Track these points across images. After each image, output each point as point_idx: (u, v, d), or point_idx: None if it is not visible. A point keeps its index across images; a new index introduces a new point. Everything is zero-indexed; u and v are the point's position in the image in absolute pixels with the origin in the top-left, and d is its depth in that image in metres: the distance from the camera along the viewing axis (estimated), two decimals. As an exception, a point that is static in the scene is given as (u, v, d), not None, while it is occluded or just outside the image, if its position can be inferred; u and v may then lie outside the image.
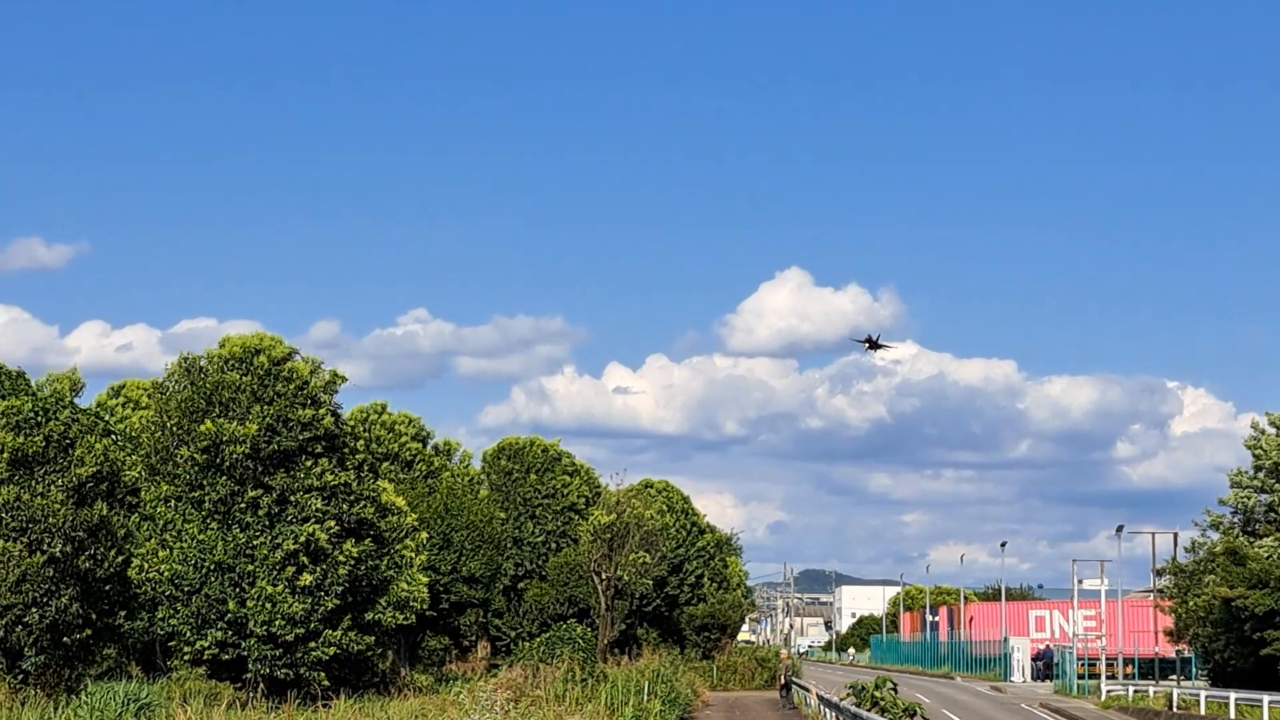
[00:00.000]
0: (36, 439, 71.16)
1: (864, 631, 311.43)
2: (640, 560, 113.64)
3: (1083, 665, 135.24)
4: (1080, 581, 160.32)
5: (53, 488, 70.24)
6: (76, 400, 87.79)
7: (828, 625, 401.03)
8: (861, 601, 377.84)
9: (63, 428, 73.02)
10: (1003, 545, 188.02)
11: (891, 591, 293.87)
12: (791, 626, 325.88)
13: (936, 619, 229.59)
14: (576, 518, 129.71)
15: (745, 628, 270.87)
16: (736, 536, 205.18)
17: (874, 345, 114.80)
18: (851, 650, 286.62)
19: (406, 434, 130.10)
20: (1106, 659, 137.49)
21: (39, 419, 72.20)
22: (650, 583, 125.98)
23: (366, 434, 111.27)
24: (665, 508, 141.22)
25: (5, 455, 70.03)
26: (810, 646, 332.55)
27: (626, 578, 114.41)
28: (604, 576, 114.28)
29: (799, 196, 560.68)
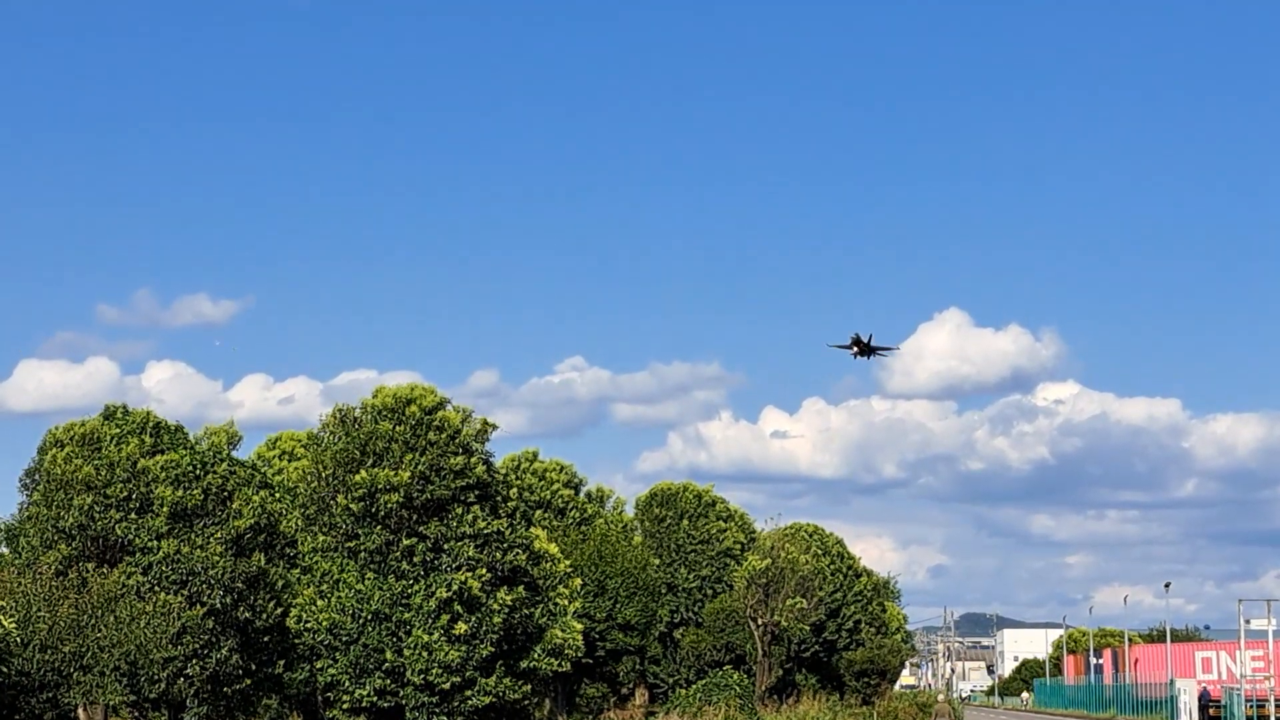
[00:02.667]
0: (195, 492, 72.13)
1: (1027, 675, 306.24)
2: (797, 605, 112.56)
3: (1251, 707, 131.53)
4: (1247, 621, 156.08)
5: (212, 540, 71.09)
6: (234, 453, 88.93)
7: (990, 669, 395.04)
8: (1024, 645, 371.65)
9: (221, 481, 73.96)
10: (1167, 586, 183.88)
11: (1054, 634, 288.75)
12: (953, 671, 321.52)
13: (1100, 662, 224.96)
14: (731, 563, 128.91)
15: (905, 672, 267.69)
16: (895, 580, 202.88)
17: (865, 349, 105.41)
18: (1025, 695, 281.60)
19: (558, 481, 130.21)
20: (1276, 700, 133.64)
21: (198, 473, 73.21)
22: (807, 628, 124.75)
23: (519, 482, 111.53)
24: (820, 552, 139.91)
25: (165, 509, 71.03)
26: (973, 691, 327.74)
27: (783, 623, 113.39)
28: (760, 622, 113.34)
29: (958, 236, 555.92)
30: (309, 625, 73.66)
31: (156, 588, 68.68)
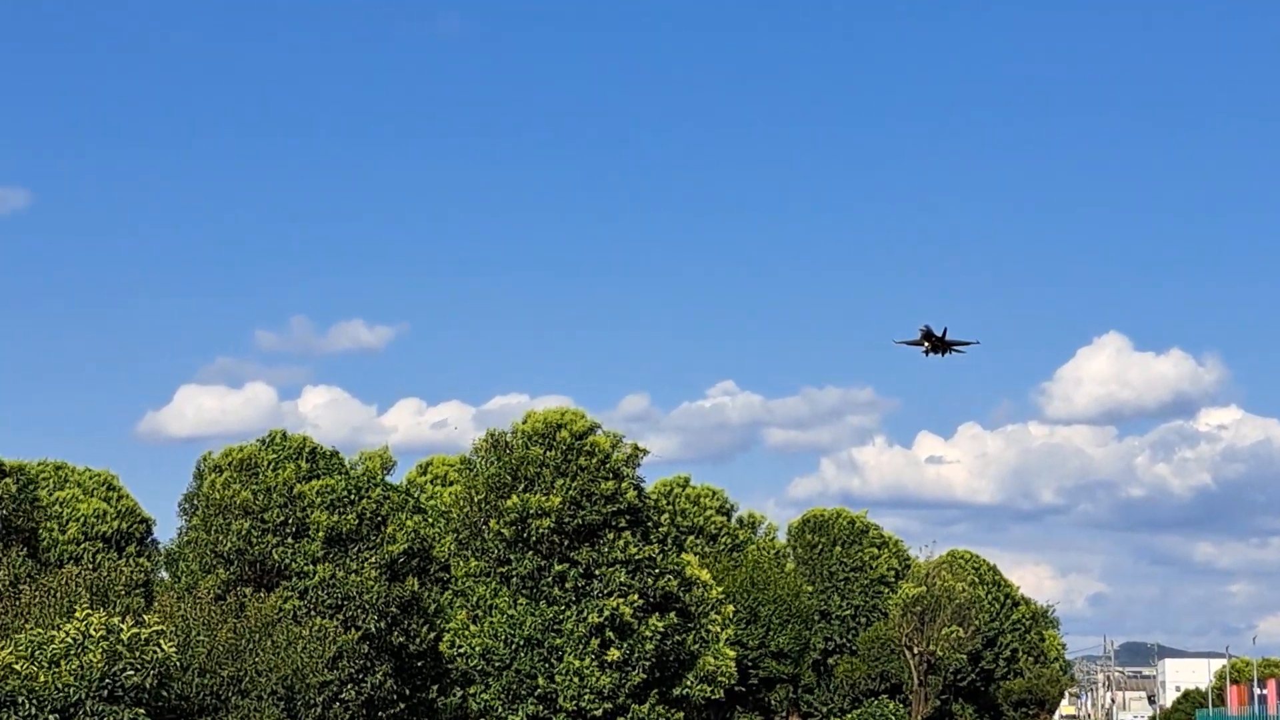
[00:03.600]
0: (350, 517, 72.72)
1: (1189, 706, 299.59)
2: (953, 634, 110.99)
3: None
4: None
5: (366, 565, 71.58)
6: (388, 478, 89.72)
7: (1151, 699, 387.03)
8: (1186, 675, 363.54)
9: (375, 505, 74.52)
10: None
11: (1217, 664, 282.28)
12: (1113, 701, 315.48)
13: (1265, 693, 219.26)
14: (885, 591, 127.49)
15: (1065, 702, 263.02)
16: (1053, 609, 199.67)
17: (938, 344, 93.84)
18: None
19: (711, 507, 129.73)
20: None
21: (353, 498, 73.81)
22: (963, 657, 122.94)
23: (670, 507, 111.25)
24: (975, 579, 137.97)
25: (321, 534, 71.66)
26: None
27: (939, 652, 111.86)
28: (915, 651, 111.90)
29: (1117, 260, 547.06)
30: (462, 650, 73.87)
31: (312, 612, 69.26)
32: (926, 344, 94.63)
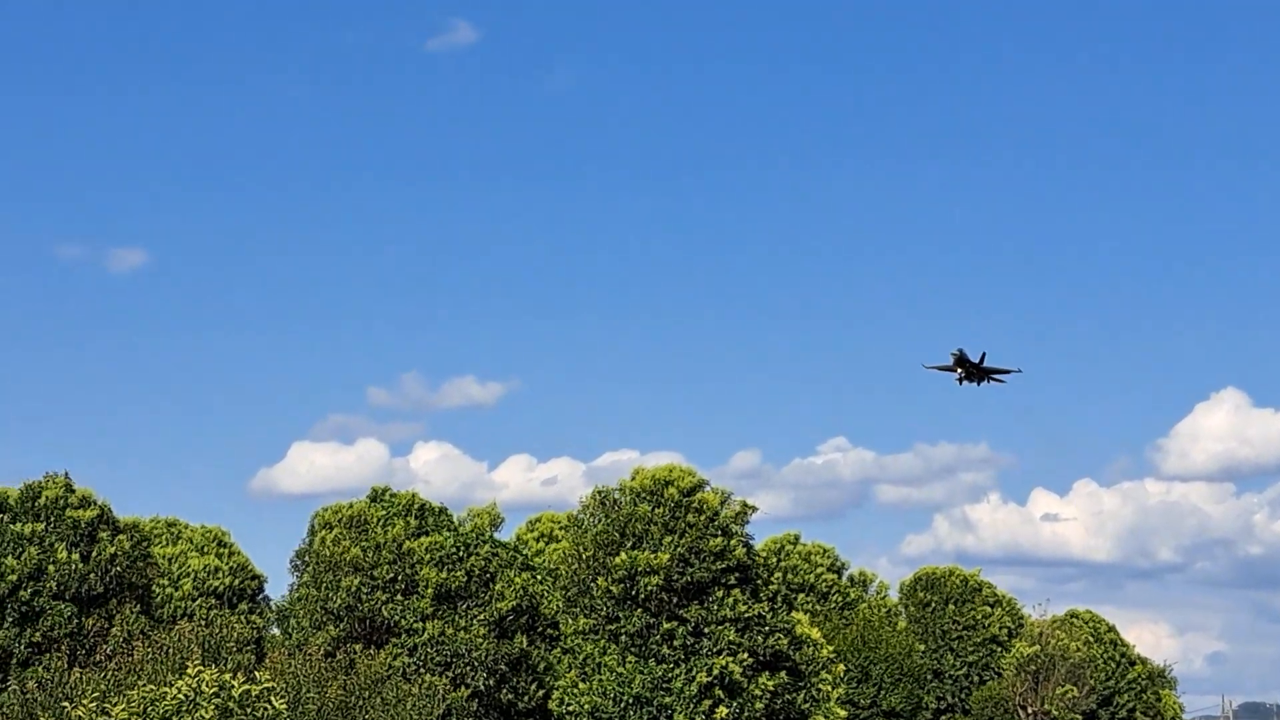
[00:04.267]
0: (459, 574, 72.84)
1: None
2: (1068, 694, 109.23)
3: None
4: None
5: (475, 622, 71.61)
6: (497, 535, 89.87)
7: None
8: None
9: (484, 562, 74.60)
10: None
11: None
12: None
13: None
14: (999, 650, 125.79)
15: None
16: (1170, 668, 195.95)
17: (974, 371, 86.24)
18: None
19: (822, 565, 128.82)
20: None
21: (461, 554, 73.95)
22: (1079, 717, 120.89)
23: (781, 565, 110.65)
24: (1091, 638, 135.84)
25: (430, 590, 71.81)
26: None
27: (1054, 712, 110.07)
28: (1030, 710, 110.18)
29: (1236, 315, 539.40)
30: (571, 709, 73.59)
31: (422, 669, 69.34)
32: (960, 370, 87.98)
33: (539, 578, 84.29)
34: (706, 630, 73.26)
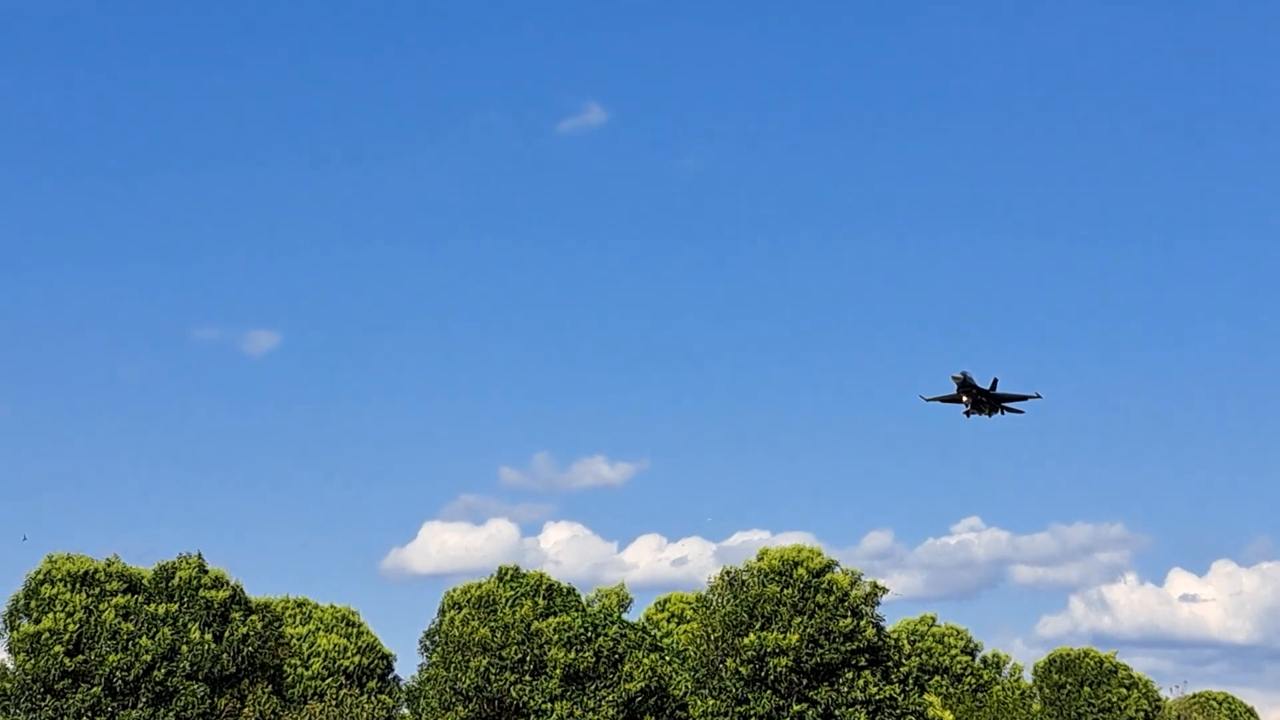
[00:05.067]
0: (588, 655, 72.61)
1: None
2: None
3: None
4: None
5: (604, 703, 71.27)
6: (625, 615, 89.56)
7: None
8: None
9: (612, 643, 74.32)
10: None
11: None
12: None
13: None
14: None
15: None
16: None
17: (984, 400, 69.55)
18: None
19: (956, 646, 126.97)
20: None
21: (589, 635, 73.72)
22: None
23: (914, 646, 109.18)
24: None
25: (558, 671, 71.63)
26: None
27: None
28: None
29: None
30: (699, 791, 72.95)
31: (549, 751, 69.09)
32: (966, 400, 75.23)
33: (668, 659, 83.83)
34: (837, 713, 72.39)
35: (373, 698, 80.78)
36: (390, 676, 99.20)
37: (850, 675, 71.94)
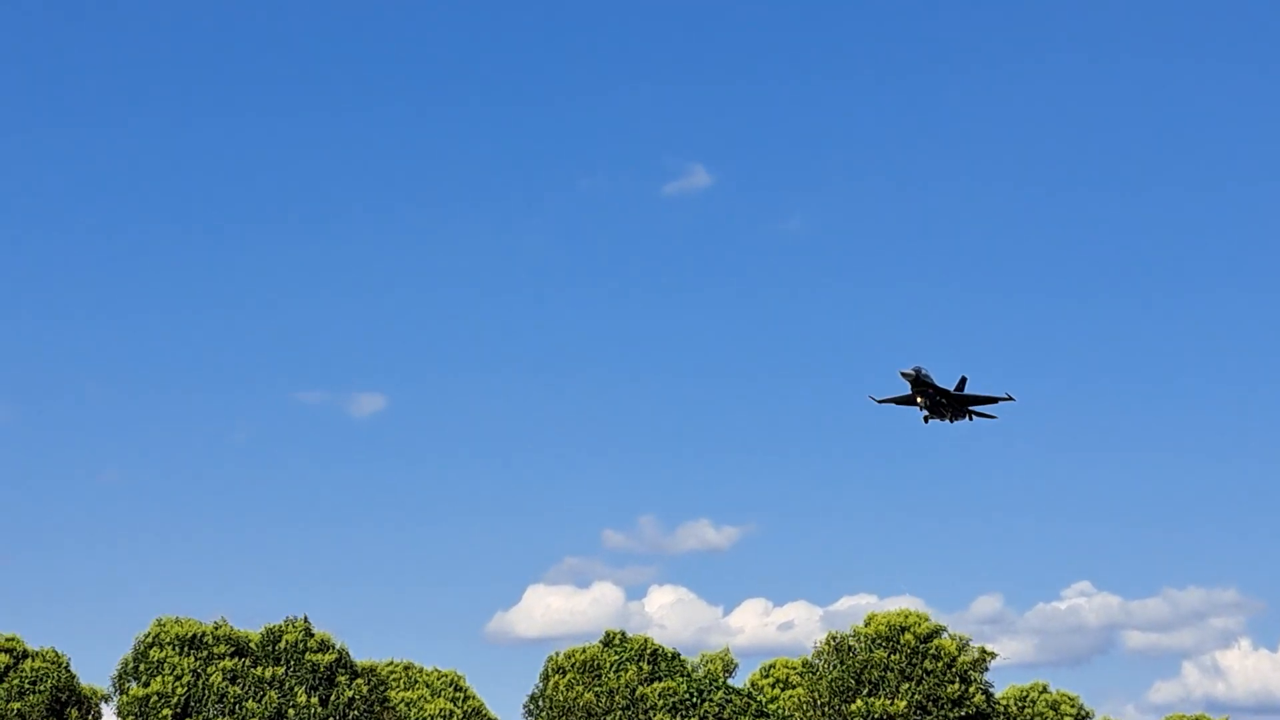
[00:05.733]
0: (692, 720, 71.96)
1: None
2: None
3: None
4: None
5: (708, 769, 70.56)
6: (730, 680, 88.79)
7: None
8: None
9: (718, 709, 73.62)
10: None
11: None
12: None
13: None
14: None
15: None
16: None
17: (943, 401, 61.29)
18: None
19: (1067, 713, 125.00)
20: None
21: (694, 700, 73.08)
22: None
23: (1024, 713, 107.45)
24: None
25: (662, 737, 71.03)
26: None
27: None
28: None
29: None
30: None
31: (654, 818, 68.45)
32: (922, 401, 66.76)
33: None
34: (946, 781, 71.27)
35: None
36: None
37: (959, 742, 70.85)
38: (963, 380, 66.54)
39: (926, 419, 68.56)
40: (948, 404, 67.72)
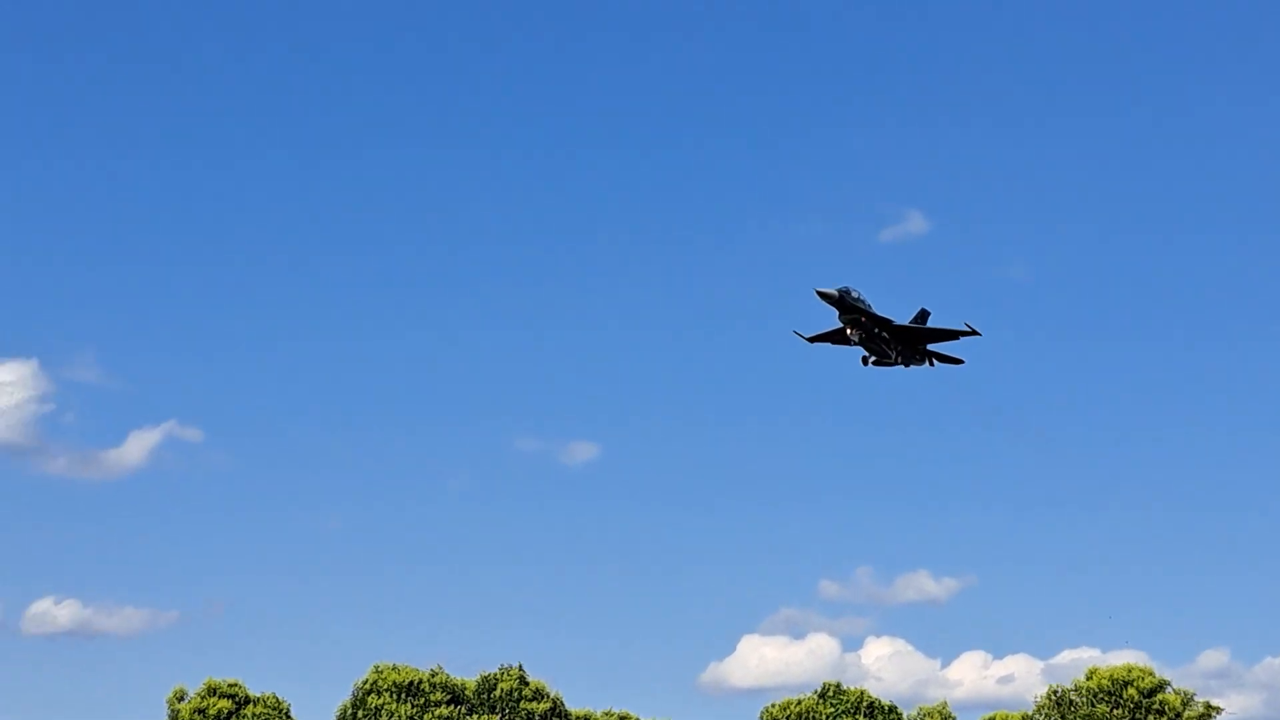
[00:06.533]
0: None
1: None
2: None
3: None
4: None
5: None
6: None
7: None
8: None
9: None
10: None
11: None
12: None
13: None
14: None
15: None
16: None
17: (883, 336, 53.58)
18: None
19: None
20: None
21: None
22: None
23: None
24: None
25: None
26: None
27: None
28: None
29: None
30: None
31: None
32: (852, 333, 54.80)
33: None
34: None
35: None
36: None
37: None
38: (923, 313, 56.62)
39: (866, 360, 57.45)
40: (891, 339, 57.49)
